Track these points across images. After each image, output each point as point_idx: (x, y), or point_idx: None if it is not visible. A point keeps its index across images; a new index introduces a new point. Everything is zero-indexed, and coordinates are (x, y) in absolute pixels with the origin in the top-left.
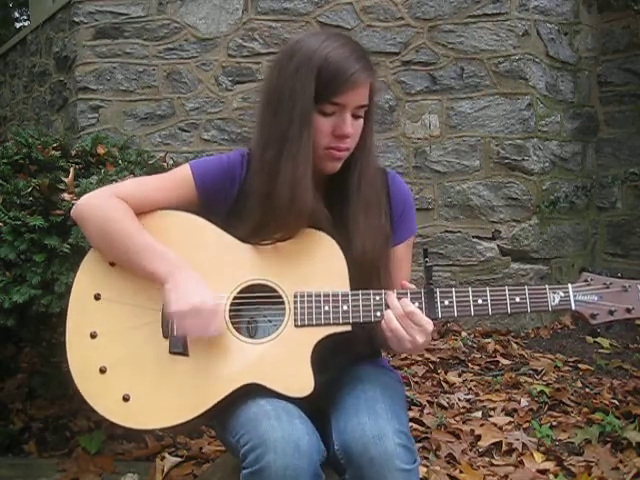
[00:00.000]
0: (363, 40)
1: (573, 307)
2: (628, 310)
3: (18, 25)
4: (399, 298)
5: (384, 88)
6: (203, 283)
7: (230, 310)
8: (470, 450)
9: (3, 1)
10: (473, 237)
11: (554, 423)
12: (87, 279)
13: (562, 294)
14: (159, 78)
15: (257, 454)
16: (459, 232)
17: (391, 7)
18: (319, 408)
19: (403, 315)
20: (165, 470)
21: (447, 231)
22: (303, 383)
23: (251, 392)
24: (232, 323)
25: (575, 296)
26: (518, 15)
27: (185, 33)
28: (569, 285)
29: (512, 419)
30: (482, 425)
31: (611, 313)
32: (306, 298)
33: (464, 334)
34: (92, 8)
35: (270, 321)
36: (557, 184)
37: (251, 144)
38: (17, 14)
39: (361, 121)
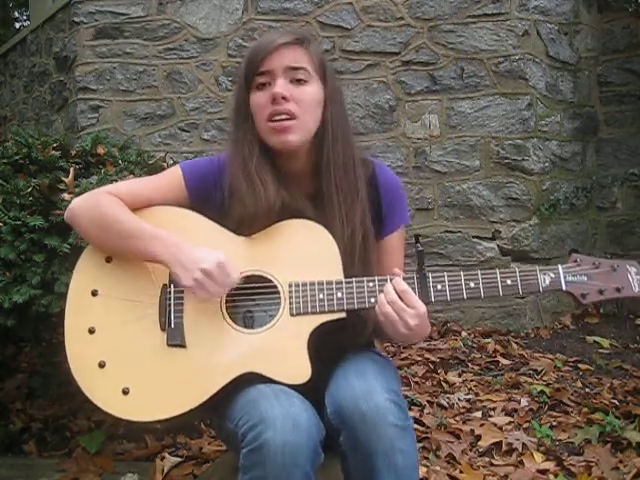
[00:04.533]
0: (363, 40)
1: (564, 287)
2: (617, 289)
3: (18, 25)
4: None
5: (384, 88)
6: (202, 247)
7: (227, 301)
8: (470, 450)
9: (3, 1)
10: (473, 237)
11: (554, 423)
12: (83, 276)
13: (552, 275)
14: (159, 78)
15: (256, 432)
16: (459, 232)
17: (391, 7)
18: (316, 400)
19: (396, 299)
20: (165, 470)
21: (447, 231)
22: (300, 370)
23: (249, 380)
24: (229, 314)
25: (565, 277)
26: (518, 15)
27: (185, 33)
28: (559, 266)
29: (512, 419)
30: (482, 425)
31: (601, 292)
32: (301, 287)
33: (464, 334)
34: (92, 8)
35: (265, 311)
36: (557, 184)
37: None
38: (17, 14)
39: (307, 89)
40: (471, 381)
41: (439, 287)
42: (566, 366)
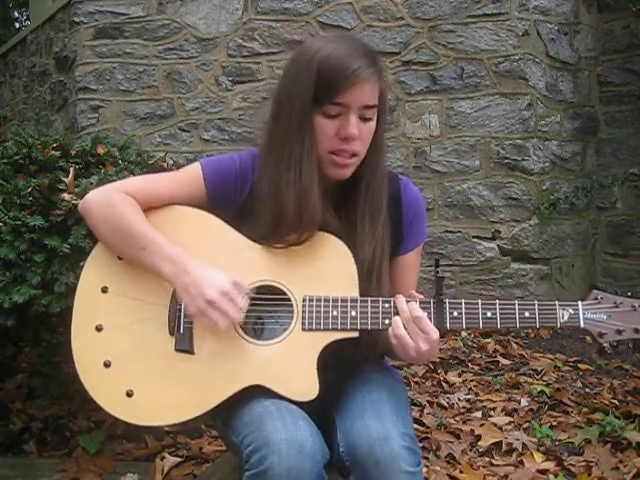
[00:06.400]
0: (363, 40)
1: (582, 325)
2: (636, 330)
3: (18, 25)
4: (407, 303)
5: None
6: (210, 270)
7: None
8: (470, 450)
9: (3, 1)
10: (473, 237)
11: (554, 423)
12: (94, 271)
13: (571, 311)
14: (159, 78)
15: (261, 455)
16: (459, 232)
17: (391, 7)
18: (323, 409)
19: (410, 320)
20: (165, 470)
21: (447, 231)
22: (307, 388)
23: (255, 392)
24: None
25: (584, 314)
26: (518, 15)
27: (185, 33)
28: (579, 302)
29: (512, 419)
30: (482, 425)
31: (619, 332)
32: (315, 302)
33: (464, 334)
34: (92, 8)
35: (278, 322)
36: (557, 184)
37: (260, 147)
38: (17, 14)
39: (371, 124)
40: (471, 381)
41: (455, 314)
42: (566, 366)
